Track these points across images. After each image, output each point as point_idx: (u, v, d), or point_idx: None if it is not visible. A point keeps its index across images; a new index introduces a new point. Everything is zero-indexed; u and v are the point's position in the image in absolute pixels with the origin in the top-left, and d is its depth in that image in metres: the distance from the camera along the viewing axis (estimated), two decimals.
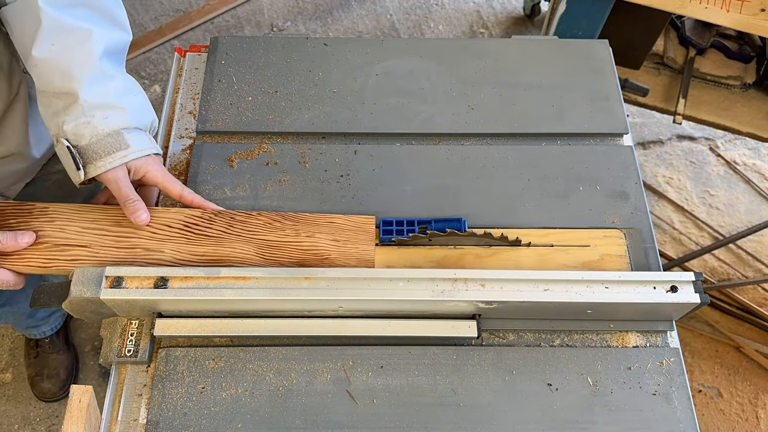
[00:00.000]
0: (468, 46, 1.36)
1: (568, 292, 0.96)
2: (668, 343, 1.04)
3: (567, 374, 0.99)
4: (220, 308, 0.98)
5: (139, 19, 2.85)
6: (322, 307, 0.98)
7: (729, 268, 2.31)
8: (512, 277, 0.96)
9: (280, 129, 1.22)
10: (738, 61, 2.12)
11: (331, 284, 0.95)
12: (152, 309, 0.98)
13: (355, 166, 1.18)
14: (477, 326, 0.99)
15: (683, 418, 0.96)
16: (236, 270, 0.96)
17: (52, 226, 1.00)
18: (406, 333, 0.99)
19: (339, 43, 1.35)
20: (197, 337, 1.01)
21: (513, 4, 3.08)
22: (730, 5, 1.57)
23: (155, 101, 2.60)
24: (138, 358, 0.97)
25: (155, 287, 0.93)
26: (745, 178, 2.55)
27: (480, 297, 0.95)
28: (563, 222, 1.13)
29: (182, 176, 1.19)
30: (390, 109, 1.25)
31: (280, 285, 0.95)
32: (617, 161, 1.20)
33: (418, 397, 0.97)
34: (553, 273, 0.97)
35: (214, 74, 1.29)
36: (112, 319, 1.00)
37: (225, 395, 0.96)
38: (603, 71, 1.33)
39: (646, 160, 2.58)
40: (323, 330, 0.99)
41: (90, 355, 2.12)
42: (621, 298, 0.96)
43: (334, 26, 2.95)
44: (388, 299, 0.95)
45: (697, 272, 0.98)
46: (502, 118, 1.25)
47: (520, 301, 0.95)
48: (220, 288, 0.94)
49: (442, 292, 0.95)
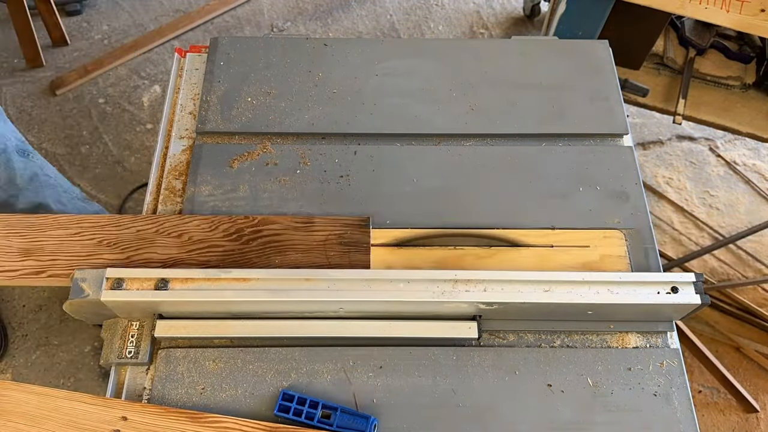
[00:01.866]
0: (468, 47, 1.36)
1: (569, 294, 0.95)
2: (668, 344, 1.03)
3: (567, 375, 0.99)
4: (221, 309, 0.98)
5: (139, 19, 2.85)
6: (323, 309, 0.98)
7: (729, 268, 2.31)
8: (513, 278, 0.96)
9: (280, 129, 1.22)
10: (738, 62, 2.11)
11: (332, 285, 0.95)
12: (153, 310, 0.98)
13: (355, 167, 1.18)
14: (478, 327, 0.99)
15: (683, 418, 0.96)
16: (237, 271, 0.96)
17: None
18: (407, 334, 0.99)
19: (339, 43, 1.35)
20: (198, 339, 1.01)
21: (513, 5, 3.08)
22: (730, 5, 1.57)
23: (155, 101, 2.60)
24: (138, 360, 0.97)
25: (156, 288, 0.93)
26: (745, 179, 2.55)
27: (481, 298, 0.95)
28: (563, 222, 1.13)
29: (182, 176, 1.19)
30: (390, 109, 1.25)
31: (280, 286, 0.95)
32: (617, 161, 1.20)
33: (418, 398, 0.97)
34: (554, 274, 0.97)
35: (214, 75, 1.28)
36: (113, 320, 1.00)
37: (225, 396, 0.96)
38: (603, 71, 1.33)
39: (646, 161, 2.58)
40: (324, 331, 0.99)
41: (90, 356, 2.11)
42: (622, 299, 0.96)
43: (334, 26, 2.95)
44: (388, 300, 0.95)
45: (698, 273, 0.98)
46: (502, 119, 1.25)
47: (521, 302, 0.95)
48: (221, 289, 0.94)
49: (443, 293, 0.95)
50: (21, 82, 2.60)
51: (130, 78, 2.66)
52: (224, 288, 0.94)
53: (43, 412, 0.90)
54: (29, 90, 2.59)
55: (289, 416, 0.91)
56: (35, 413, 0.89)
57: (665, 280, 0.97)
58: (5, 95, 2.57)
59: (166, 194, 1.16)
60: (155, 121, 2.55)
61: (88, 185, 2.35)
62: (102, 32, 2.80)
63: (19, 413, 0.89)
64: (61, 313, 2.11)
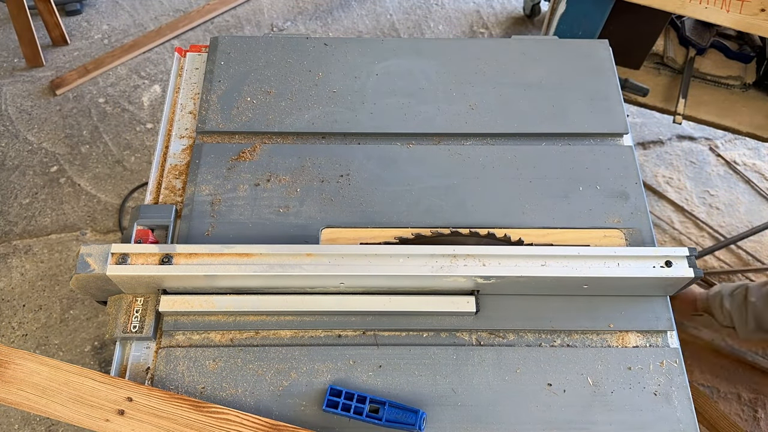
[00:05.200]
0: (468, 46, 1.36)
1: (566, 267, 0.96)
2: (668, 343, 1.04)
3: (567, 374, 0.99)
4: (224, 284, 0.99)
5: (139, 19, 2.85)
6: (324, 284, 0.99)
7: (729, 268, 2.31)
8: (510, 252, 0.98)
9: (280, 129, 1.22)
10: (738, 61, 2.11)
11: (333, 261, 0.96)
12: (157, 285, 0.99)
13: (355, 166, 1.18)
14: (476, 301, 0.99)
15: (683, 418, 0.96)
16: (239, 246, 0.97)
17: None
18: (407, 308, 1.00)
19: (339, 43, 1.35)
20: (201, 322, 1.01)
21: (513, 4, 3.08)
22: (730, 5, 1.57)
23: (155, 101, 2.60)
24: (143, 334, 0.99)
25: (160, 263, 0.95)
26: (745, 178, 2.55)
27: (478, 272, 0.95)
28: (563, 222, 1.13)
29: (182, 176, 1.19)
30: (390, 109, 1.25)
31: (282, 261, 0.96)
32: (617, 161, 1.20)
33: (418, 398, 0.97)
34: (551, 249, 0.98)
35: (214, 74, 1.29)
36: (118, 296, 1.02)
37: (225, 395, 0.96)
38: (603, 71, 1.33)
39: (646, 160, 2.58)
40: (325, 305, 1.00)
41: (90, 356, 2.12)
42: (617, 273, 0.96)
43: (334, 26, 2.95)
44: (388, 275, 0.96)
45: (691, 248, 0.99)
46: (502, 118, 1.25)
47: (518, 275, 0.96)
48: (225, 264, 0.95)
49: (441, 267, 0.95)
50: (21, 82, 2.60)
51: (130, 78, 2.66)
52: (227, 263, 0.95)
53: (53, 385, 0.92)
54: (29, 90, 2.59)
55: (338, 411, 0.92)
56: (46, 385, 0.92)
57: (659, 254, 0.98)
58: (5, 95, 2.57)
59: (166, 193, 1.17)
60: (155, 121, 2.55)
61: (88, 185, 2.35)
62: (102, 32, 2.80)
63: (31, 383, 0.92)
64: (61, 312, 2.11)
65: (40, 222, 2.26)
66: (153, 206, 1.13)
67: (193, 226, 1.10)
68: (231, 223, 1.11)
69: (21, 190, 2.33)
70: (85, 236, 2.25)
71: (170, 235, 1.10)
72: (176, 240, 1.10)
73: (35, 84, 2.61)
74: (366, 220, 1.12)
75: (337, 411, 0.92)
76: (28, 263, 2.19)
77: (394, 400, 0.94)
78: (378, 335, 1.01)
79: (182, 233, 1.10)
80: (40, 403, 0.91)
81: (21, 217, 2.27)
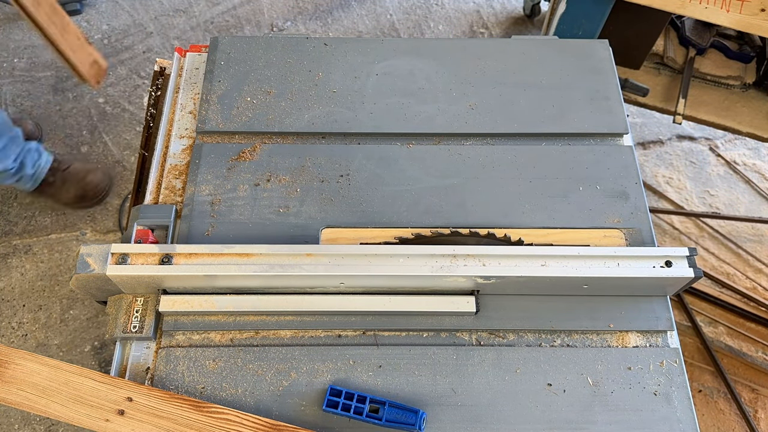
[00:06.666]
0: (468, 46, 1.36)
1: (565, 267, 0.96)
2: (668, 343, 1.04)
3: (567, 374, 0.99)
4: (224, 284, 0.99)
5: (139, 19, 2.84)
6: (324, 284, 0.99)
7: (729, 267, 2.31)
8: (510, 252, 0.98)
9: (280, 129, 1.22)
10: (738, 61, 2.11)
11: (333, 261, 0.96)
12: (157, 285, 0.99)
13: (355, 166, 1.18)
14: (476, 302, 0.99)
15: (683, 418, 0.96)
16: (239, 246, 0.97)
17: None
18: (407, 308, 1.00)
19: (339, 43, 1.35)
20: (201, 322, 1.01)
21: (513, 4, 3.08)
22: (730, 5, 1.57)
23: None
24: (143, 334, 0.99)
25: (160, 263, 0.95)
26: (745, 178, 2.55)
27: (478, 272, 0.95)
28: (563, 222, 1.13)
29: (182, 176, 1.19)
30: (390, 109, 1.25)
31: (282, 261, 0.96)
32: (617, 161, 1.20)
33: (418, 398, 0.97)
34: (551, 249, 0.98)
35: (214, 74, 1.28)
36: (118, 296, 1.02)
37: (225, 395, 0.96)
38: (603, 71, 1.33)
39: (646, 160, 2.58)
40: (325, 306, 1.00)
41: (90, 356, 2.12)
42: (617, 273, 0.96)
43: (334, 26, 2.95)
44: (388, 275, 0.96)
45: (691, 248, 0.99)
46: (502, 118, 1.25)
47: (518, 275, 0.96)
48: (225, 264, 0.95)
49: (441, 267, 0.96)
50: (21, 82, 2.60)
51: (130, 78, 2.66)
52: (227, 263, 0.95)
53: (53, 385, 0.92)
54: (29, 90, 2.59)
55: (338, 411, 0.92)
56: (45, 384, 0.92)
57: (659, 254, 0.99)
58: (5, 95, 2.57)
59: (166, 193, 1.17)
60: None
61: None
62: (102, 32, 2.80)
63: (30, 383, 0.92)
64: (61, 312, 2.11)
65: (40, 222, 2.26)
66: (153, 206, 1.13)
67: (193, 226, 1.10)
68: (231, 223, 1.11)
69: (21, 190, 2.32)
70: (85, 236, 2.25)
71: (170, 235, 1.10)
72: (176, 240, 1.10)
73: (35, 84, 2.61)
74: (366, 220, 1.12)
75: (337, 411, 0.92)
76: (28, 263, 2.19)
77: (394, 400, 0.94)
78: (378, 335, 1.01)
79: (182, 233, 1.10)
80: (40, 403, 0.91)
81: (21, 217, 2.27)
